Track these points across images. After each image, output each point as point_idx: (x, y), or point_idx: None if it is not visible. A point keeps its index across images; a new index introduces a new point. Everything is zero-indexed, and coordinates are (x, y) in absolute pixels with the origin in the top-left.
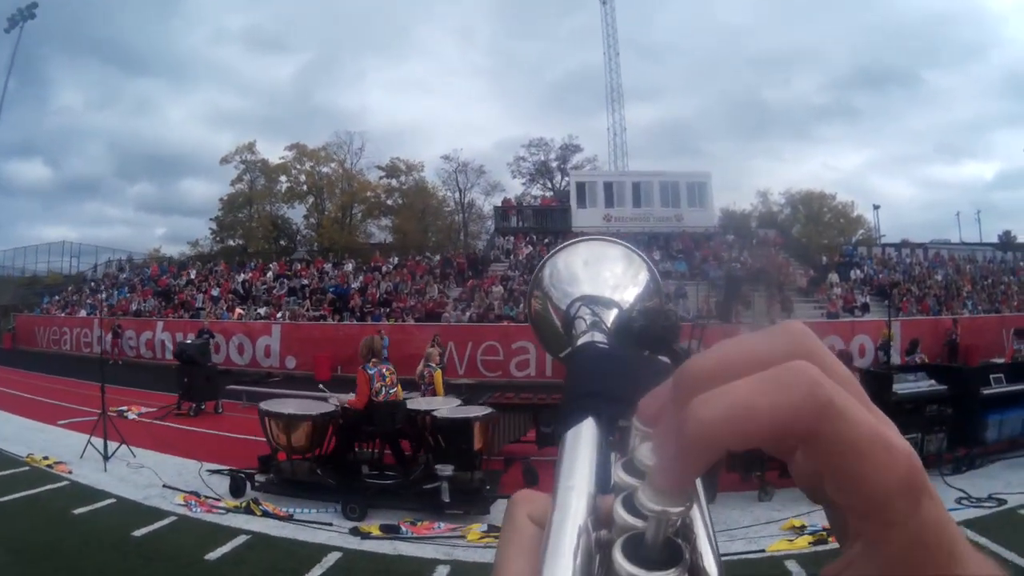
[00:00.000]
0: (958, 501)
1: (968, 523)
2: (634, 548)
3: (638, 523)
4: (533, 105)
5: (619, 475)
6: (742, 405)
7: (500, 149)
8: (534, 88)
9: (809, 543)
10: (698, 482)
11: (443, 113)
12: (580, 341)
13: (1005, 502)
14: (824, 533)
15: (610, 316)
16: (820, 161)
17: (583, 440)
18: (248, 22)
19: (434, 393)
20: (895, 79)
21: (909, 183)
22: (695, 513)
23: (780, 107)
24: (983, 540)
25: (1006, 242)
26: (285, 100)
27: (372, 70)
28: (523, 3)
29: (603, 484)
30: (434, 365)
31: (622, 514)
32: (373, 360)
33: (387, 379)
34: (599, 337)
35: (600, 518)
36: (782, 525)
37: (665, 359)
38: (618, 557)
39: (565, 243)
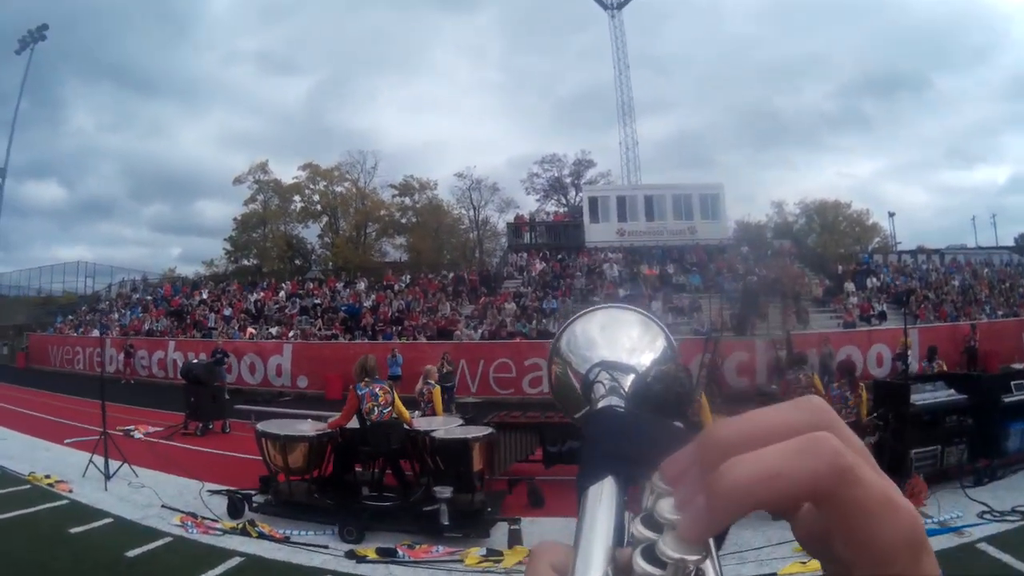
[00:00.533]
0: (980, 515)
1: (990, 538)
2: None
3: (656, 571)
4: (545, 121)
5: (637, 529)
6: (773, 469)
7: (513, 166)
8: (545, 104)
9: None
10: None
11: (455, 131)
12: (599, 405)
13: None
14: None
15: (627, 380)
16: (834, 170)
17: (604, 497)
18: (260, 45)
19: (434, 411)
20: (904, 84)
21: (923, 189)
22: (707, 564)
23: (791, 116)
24: (1006, 557)
25: (1022, 245)
26: (298, 120)
27: (384, 89)
28: (532, 20)
29: (619, 538)
30: (433, 382)
31: (641, 564)
32: (365, 380)
33: (380, 399)
34: (616, 401)
35: (619, 568)
36: (795, 547)
37: (679, 424)
38: (641, 564)
39: (582, 311)
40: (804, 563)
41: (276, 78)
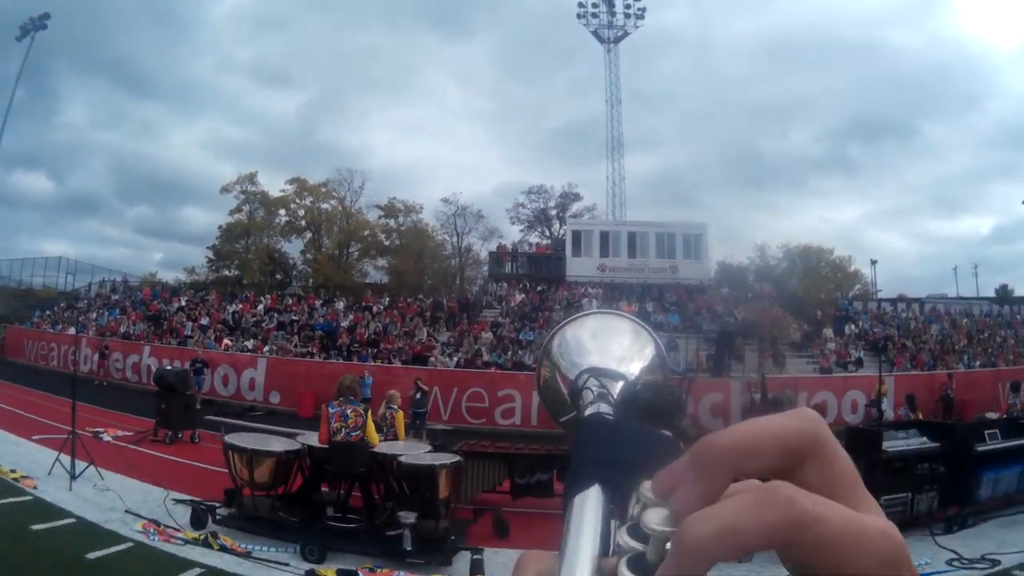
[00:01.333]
0: (949, 563)
1: None
2: None
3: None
4: (532, 152)
5: (623, 539)
6: (729, 525)
7: (499, 194)
8: (533, 135)
9: None
10: None
11: (443, 155)
12: (587, 411)
13: (999, 563)
14: None
15: (616, 388)
16: (818, 214)
17: (589, 505)
18: (255, 54)
19: (395, 436)
20: (890, 130)
21: (905, 237)
22: None
23: (777, 158)
24: None
25: (1003, 296)
26: (287, 134)
27: (374, 109)
28: (525, 50)
29: (605, 547)
30: (395, 407)
31: (626, 573)
32: (339, 399)
33: (349, 420)
34: (605, 408)
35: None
36: None
37: (667, 432)
38: None
39: (575, 316)
40: None
41: (268, 90)
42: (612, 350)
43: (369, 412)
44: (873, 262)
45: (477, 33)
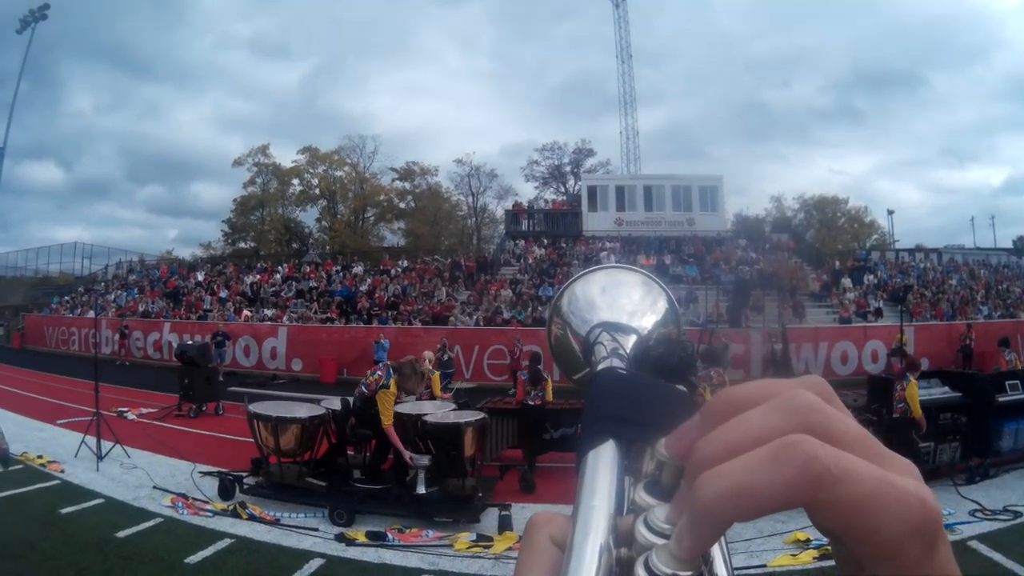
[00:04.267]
0: (971, 513)
1: (982, 537)
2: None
3: (659, 541)
4: (536, 110)
5: (640, 496)
6: (740, 484)
7: (506, 154)
8: (536, 93)
9: (813, 558)
10: None
11: (447, 118)
12: (600, 367)
13: (1021, 514)
14: (829, 548)
15: (629, 342)
16: (825, 165)
17: (603, 462)
18: (253, 29)
19: (432, 396)
20: (896, 81)
21: (917, 188)
22: (714, 550)
23: (782, 110)
24: (997, 556)
25: (1020, 247)
26: (292, 105)
27: (376, 75)
28: (522, 8)
29: (621, 505)
30: (431, 368)
31: (644, 533)
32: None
33: (368, 379)
34: (617, 363)
35: (620, 536)
36: (785, 539)
37: (682, 388)
38: (640, 573)
39: (584, 271)
40: (795, 555)
41: (269, 63)
42: (623, 304)
43: (383, 392)
44: (890, 212)
45: None
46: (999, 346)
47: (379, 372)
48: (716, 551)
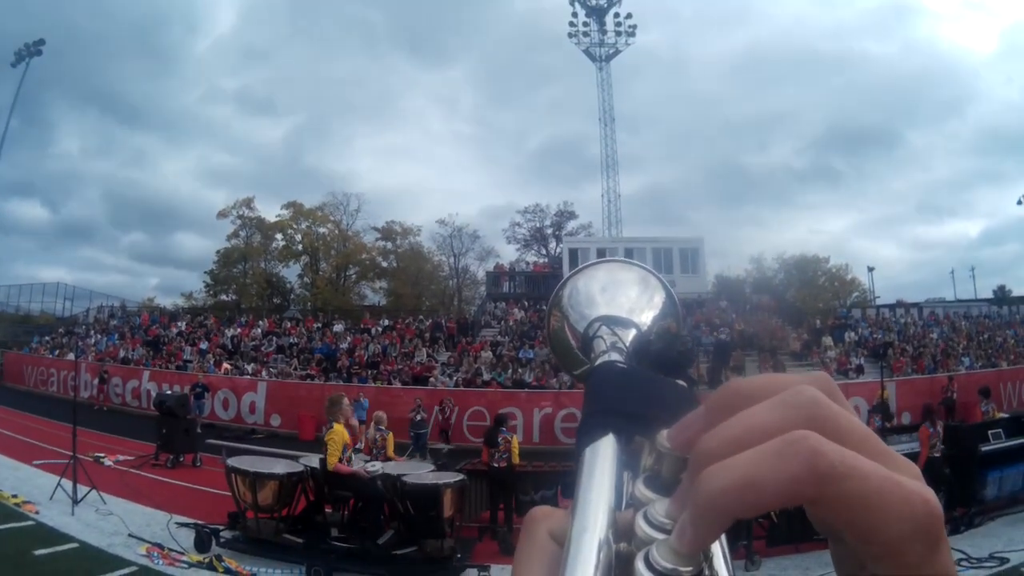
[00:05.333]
0: (957, 563)
1: None
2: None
3: (659, 536)
4: (517, 174)
5: (640, 490)
6: (745, 478)
7: (486, 216)
8: (517, 157)
9: None
10: None
11: (429, 179)
12: (599, 361)
13: (1007, 560)
14: None
15: (628, 336)
16: (804, 226)
17: (602, 456)
18: (240, 83)
19: (387, 457)
20: (872, 140)
21: (895, 244)
22: (715, 548)
23: (760, 172)
24: None
25: (1001, 297)
26: (276, 160)
27: (359, 135)
28: (501, 74)
29: (620, 500)
30: (384, 428)
31: (644, 527)
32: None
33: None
34: (617, 357)
35: (619, 531)
36: None
37: (682, 382)
38: (640, 568)
39: (584, 265)
40: None
41: (255, 118)
42: (623, 299)
43: (330, 431)
44: (870, 269)
45: (453, 60)
46: (979, 396)
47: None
48: (717, 548)
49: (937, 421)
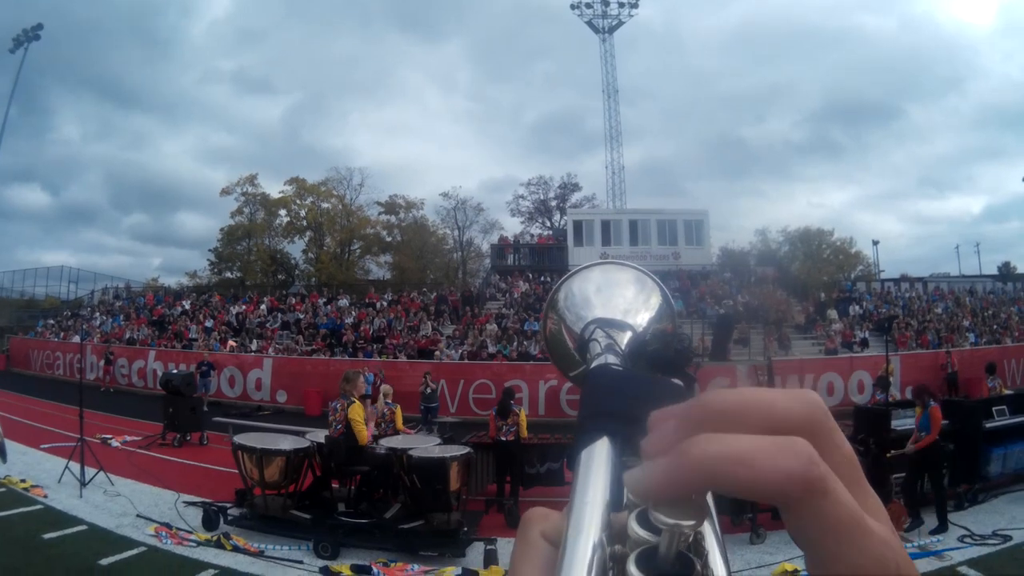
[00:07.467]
0: (961, 539)
1: (972, 562)
2: (647, 561)
3: (652, 538)
4: (515, 148)
5: None
6: (743, 454)
7: (486, 189)
8: (515, 131)
9: None
10: (709, 498)
11: (429, 155)
12: (595, 363)
13: (1010, 538)
14: None
15: (624, 338)
16: (804, 199)
17: (597, 459)
18: (236, 64)
19: (395, 431)
20: (870, 114)
21: (897, 219)
22: (707, 529)
23: (760, 146)
24: None
25: (1005, 273)
26: (276, 139)
27: (357, 112)
28: (497, 48)
29: (615, 502)
30: (390, 401)
31: (636, 529)
32: (340, 394)
33: (338, 413)
34: (613, 359)
35: (614, 533)
36: (774, 570)
37: (678, 382)
38: (632, 570)
39: (579, 267)
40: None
41: (252, 98)
42: (618, 300)
43: (352, 407)
44: (875, 243)
45: (450, 35)
46: (985, 372)
47: (337, 404)
48: (713, 543)
49: (928, 401)
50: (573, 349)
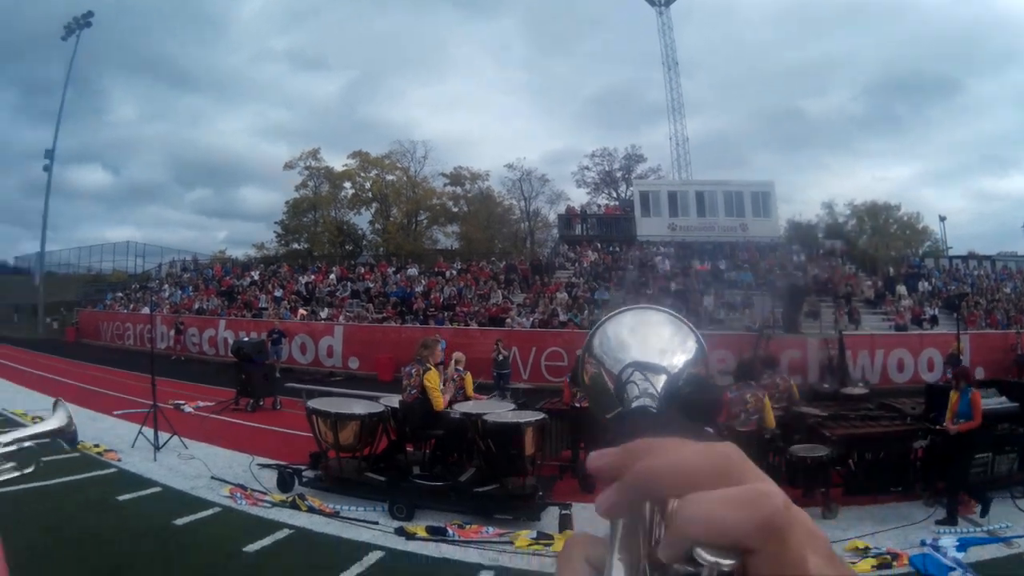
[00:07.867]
0: None
1: None
2: None
3: (690, 568)
4: (573, 120)
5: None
6: (713, 516)
7: (547, 161)
8: (573, 103)
9: (872, 567)
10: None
11: (486, 128)
12: (633, 405)
13: None
14: (888, 557)
15: (659, 382)
16: (868, 173)
17: None
18: (290, 43)
19: (465, 397)
20: (930, 87)
21: (960, 195)
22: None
23: (819, 119)
24: None
25: None
26: (334, 114)
27: (413, 87)
28: (551, 21)
29: (651, 540)
30: (462, 368)
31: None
32: (415, 360)
33: (412, 379)
34: (649, 403)
35: (654, 563)
36: (845, 546)
37: (710, 430)
38: None
39: (613, 312)
40: (854, 563)
41: (308, 75)
42: (653, 343)
43: (428, 374)
44: (942, 219)
45: (503, 9)
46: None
47: (411, 370)
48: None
49: (966, 386)
50: (612, 391)
